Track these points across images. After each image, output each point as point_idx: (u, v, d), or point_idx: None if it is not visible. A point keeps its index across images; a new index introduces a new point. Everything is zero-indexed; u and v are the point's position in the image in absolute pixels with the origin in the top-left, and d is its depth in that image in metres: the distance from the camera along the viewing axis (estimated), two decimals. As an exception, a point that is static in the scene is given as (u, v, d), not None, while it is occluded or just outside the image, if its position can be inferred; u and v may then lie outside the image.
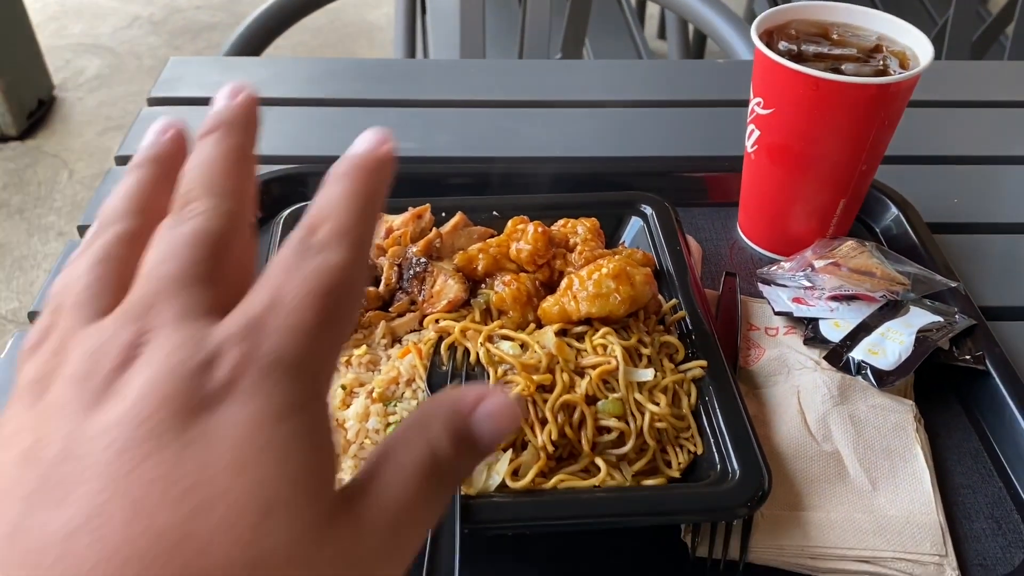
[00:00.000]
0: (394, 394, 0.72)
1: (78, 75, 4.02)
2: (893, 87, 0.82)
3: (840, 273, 0.88)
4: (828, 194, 0.91)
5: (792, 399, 0.80)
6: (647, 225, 0.92)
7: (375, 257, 0.85)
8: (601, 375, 0.72)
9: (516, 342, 0.75)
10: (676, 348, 0.78)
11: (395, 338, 0.79)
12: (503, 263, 0.83)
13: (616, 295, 0.75)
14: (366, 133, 0.35)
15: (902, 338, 0.82)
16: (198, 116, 1.15)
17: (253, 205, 0.37)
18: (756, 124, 0.91)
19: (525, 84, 1.32)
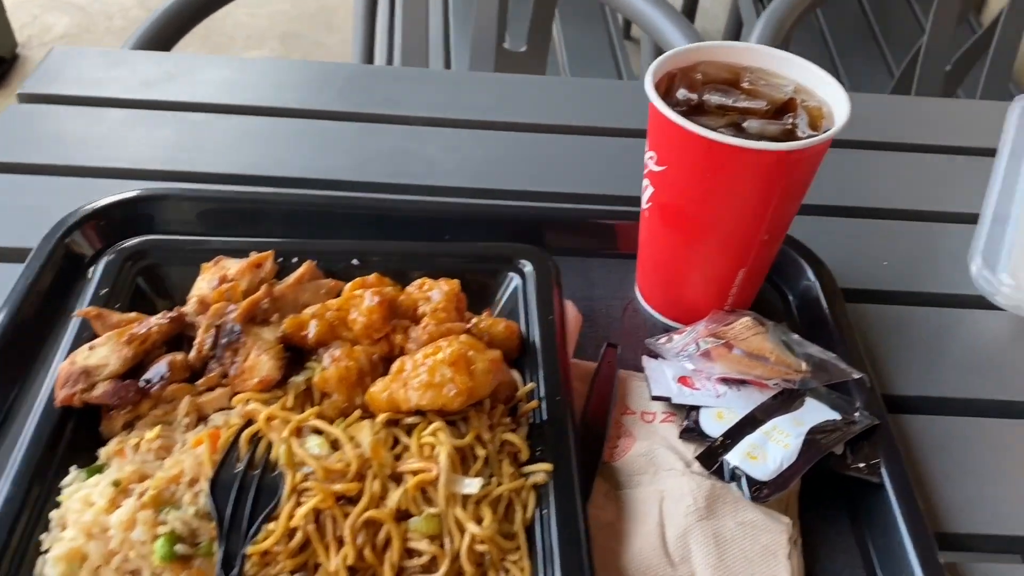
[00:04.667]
0: (172, 497, 0.62)
1: (45, 32, 3.88)
2: (796, 154, 0.72)
3: (730, 356, 0.78)
4: (725, 263, 0.81)
5: (654, 507, 0.70)
6: (523, 286, 0.82)
7: (196, 314, 0.74)
8: (419, 485, 0.62)
9: (328, 437, 0.65)
10: (519, 448, 0.68)
11: (202, 416, 0.69)
12: (341, 331, 0.72)
13: (452, 386, 0.65)
14: None
15: (788, 440, 0.72)
16: (74, 117, 1.01)
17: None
18: (650, 180, 0.80)
19: (441, 99, 1.20)
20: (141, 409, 0.68)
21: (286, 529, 0.59)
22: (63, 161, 1.03)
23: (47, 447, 0.65)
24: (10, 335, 0.78)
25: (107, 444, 0.67)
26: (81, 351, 0.69)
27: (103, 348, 0.69)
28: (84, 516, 0.60)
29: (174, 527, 0.59)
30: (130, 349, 0.69)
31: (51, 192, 0.98)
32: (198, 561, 0.59)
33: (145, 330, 0.70)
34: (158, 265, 0.81)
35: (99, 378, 0.68)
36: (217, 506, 0.61)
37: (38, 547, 0.61)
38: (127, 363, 0.69)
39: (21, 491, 0.62)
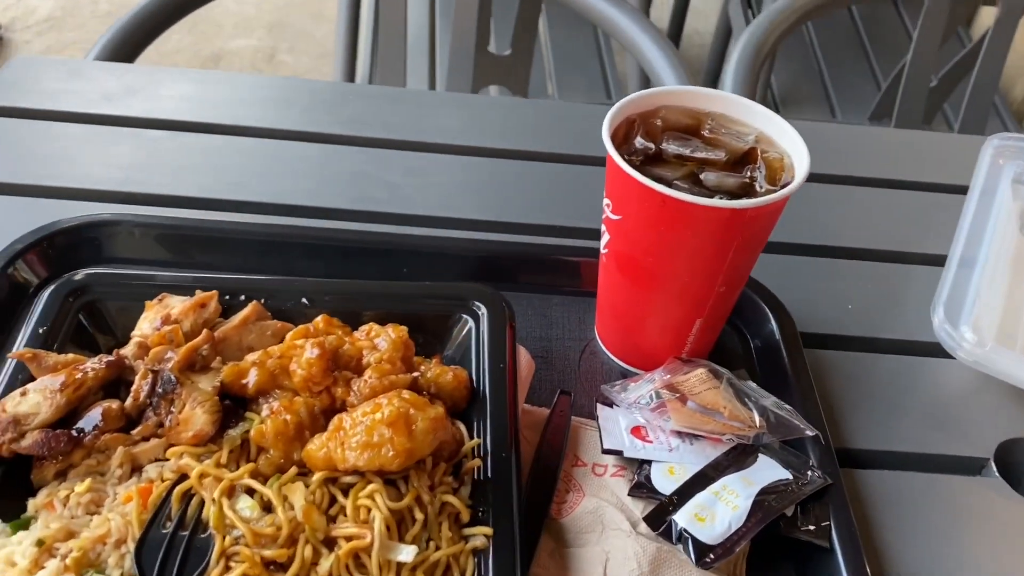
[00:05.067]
0: (98, 558, 0.60)
1: (28, 15, 3.83)
2: (750, 212, 0.70)
3: (683, 411, 0.76)
4: (681, 312, 0.79)
5: (598, 569, 0.68)
6: (476, 330, 0.80)
7: (135, 357, 0.72)
8: (352, 551, 0.60)
9: (261, 498, 0.63)
10: (459, 511, 0.66)
11: (136, 467, 0.67)
12: (282, 380, 0.70)
13: (389, 447, 0.63)
14: None
15: (737, 501, 0.71)
16: (30, 131, 0.98)
17: None
18: (607, 226, 0.78)
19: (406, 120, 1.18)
20: (74, 458, 0.66)
21: (212, 597, 0.58)
22: (13, 179, 1.01)
23: (-28, 499, 0.63)
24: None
25: (37, 495, 0.65)
26: (12, 397, 0.67)
27: (35, 395, 0.67)
28: None
29: (96, 594, 0.58)
30: (63, 396, 0.67)
31: (1, 212, 0.96)
32: (120, 628, 0.58)
33: (80, 376, 0.68)
34: (100, 300, 0.79)
35: (29, 427, 0.66)
36: (142, 570, 0.59)
37: (-44, 608, 0.59)
38: (60, 411, 0.67)
39: (-59, 548, 0.60)
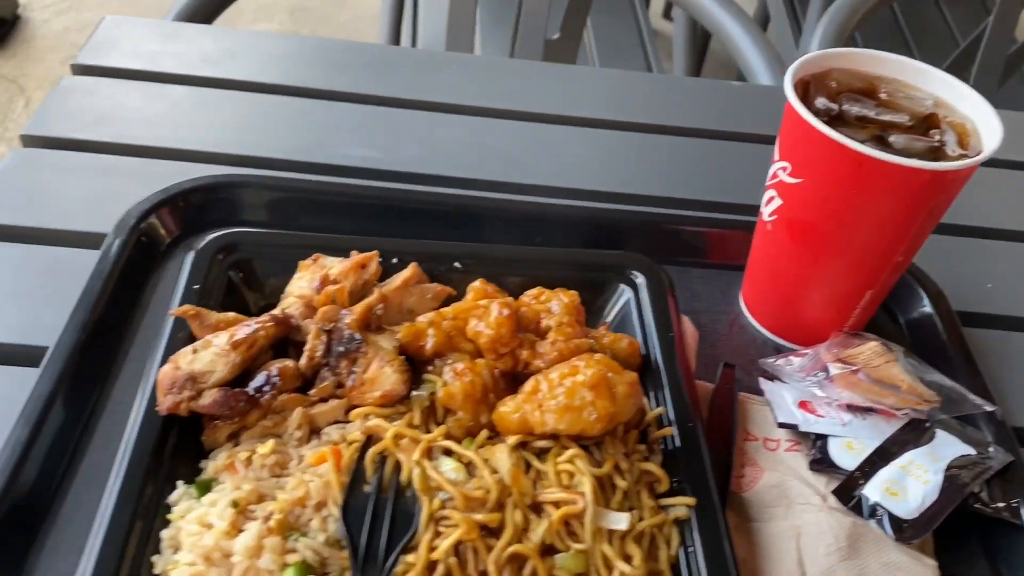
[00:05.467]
0: (298, 521, 0.57)
1: (46, -5, 3.77)
2: (951, 175, 0.68)
3: (860, 385, 0.74)
4: (853, 283, 0.77)
5: (790, 544, 0.66)
6: (636, 299, 0.77)
7: (301, 316, 0.69)
8: (564, 518, 0.58)
9: (462, 460, 0.60)
10: (659, 479, 0.63)
11: (314, 429, 0.64)
12: (458, 342, 0.67)
13: (592, 410, 0.60)
14: None
15: (928, 476, 0.69)
16: (129, 92, 0.95)
17: None
18: (778, 191, 0.75)
19: (513, 89, 1.15)
20: (248, 420, 0.63)
21: (427, 561, 0.55)
22: (125, 139, 0.97)
23: (152, 459, 0.60)
24: (88, 333, 0.72)
25: (212, 456, 0.62)
26: (183, 355, 0.64)
27: (207, 353, 0.64)
28: (204, 540, 0.55)
29: (304, 556, 0.54)
30: (238, 354, 0.64)
31: (116, 173, 0.92)
32: (328, 594, 0.54)
33: (251, 333, 0.65)
34: (249, 259, 0.76)
35: (206, 385, 0.62)
36: (350, 534, 0.56)
37: (150, 568, 0.56)
38: (235, 370, 0.64)
39: (129, 507, 0.57)
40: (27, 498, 0.63)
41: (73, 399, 0.69)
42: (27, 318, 0.77)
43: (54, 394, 0.67)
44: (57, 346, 0.70)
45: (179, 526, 0.57)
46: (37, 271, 0.81)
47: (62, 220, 0.87)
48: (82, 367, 0.70)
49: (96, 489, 0.64)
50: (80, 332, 0.71)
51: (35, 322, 0.76)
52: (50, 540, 0.61)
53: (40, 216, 0.87)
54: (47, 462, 0.65)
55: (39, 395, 0.67)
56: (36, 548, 0.61)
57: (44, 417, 0.66)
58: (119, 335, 0.75)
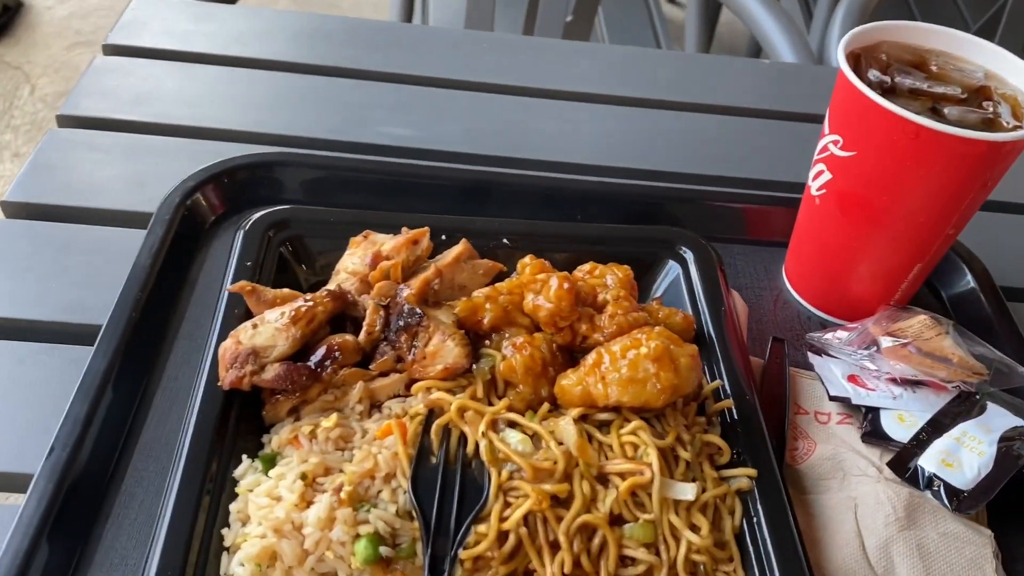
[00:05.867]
0: (368, 493, 0.57)
1: (50, -20, 3.74)
2: (1008, 146, 0.67)
3: (912, 358, 0.74)
4: (903, 257, 0.77)
5: (848, 515, 0.66)
6: (686, 274, 0.77)
7: (356, 292, 0.69)
8: (631, 488, 0.58)
9: (527, 432, 0.60)
10: (720, 450, 0.63)
11: (374, 403, 0.64)
12: (514, 316, 0.67)
13: (655, 382, 0.60)
14: None
15: (982, 448, 0.69)
16: (164, 72, 0.94)
17: None
18: (828, 165, 0.75)
19: (541, 66, 1.15)
20: (309, 394, 0.63)
21: (498, 532, 0.55)
22: (164, 119, 0.97)
23: (216, 433, 0.60)
24: (140, 309, 0.72)
25: (274, 431, 0.62)
26: (243, 329, 0.64)
27: (267, 327, 0.64)
28: (274, 512, 0.55)
29: (376, 527, 0.55)
30: (298, 329, 0.64)
31: (156, 152, 0.92)
32: (400, 564, 0.55)
33: (310, 308, 0.65)
34: (300, 236, 0.76)
35: (268, 360, 0.62)
36: (421, 506, 0.56)
37: (221, 542, 0.56)
38: (296, 344, 0.64)
39: (196, 481, 0.57)
40: (88, 472, 0.63)
41: (128, 375, 0.69)
42: (74, 298, 0.76)
43: (109, 370, 0.67)
44: (110, 322, 0.70)
45: (247, 499, 0.57)
46: (82, 251, 0.81)
47: (104, 200, 0.86)
48: (135, 343, 0.70)
49: (155, 463, 0.65)
50: (132, 309, 0.71)
51: (82, 301, 0.76)
52: (112, 513, 0.62)
53: (81, 196, 0.86)
54: (106, 437, 0.65)
55: (95, 370, 0.67)
56: (99, 521, 0.61)
57: (101, 393, 0.66)
58: (169, 312, 0.75)
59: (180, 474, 0.57)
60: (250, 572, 0.54)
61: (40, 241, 0.82)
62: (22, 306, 0.75)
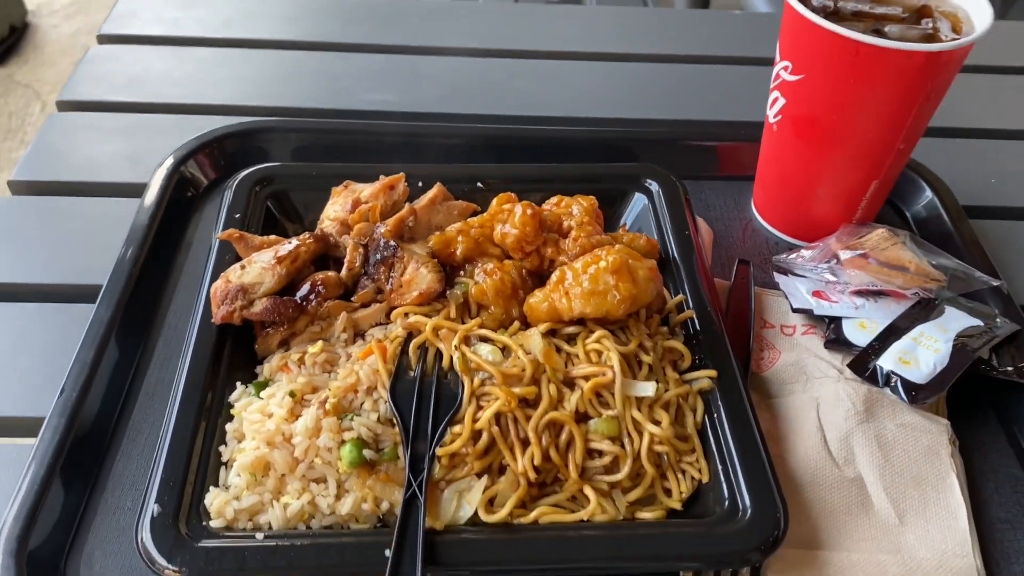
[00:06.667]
0: (351, 404, 0.62)
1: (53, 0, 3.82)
2: (944, 56, 0.71)
3: (869, 267, 0.78)
4: (859, 174, 0.80)
5: (811, 413, 0.70)
6: (652, 204, 0.81)
7: (338, 235, 0.74)
8: (595, 388, 0.62)
9: (496, 345, 0.64)
10: (682, 354, 0.67)
11: (358, 332, 0.69)
12: (486, 247, 0.72)
13: (615, 293, 0.65)
14: None
15: (938, 345, 0.72)
16: (155, 56, 1.00)
17: None
18: (782, 91, 0.79)
19: (520, 30, 1.19)
20: (297, 326, 0.68)
21: (472, 431, 0.59)
22: (156, 99, 1.02)
23: (211, 363, 0.65)
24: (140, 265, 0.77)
25: (266, 361, 0.67)
26: (233, 270, 0.69)
27: (254, 267, 0.68)
28: (266, 426, 0.60)
29: (360, 432, 0.59)
30: (282, 267, 0.68)
31: (150, 129, 0.97)
32: (384, 466, 0.59)
33: (294, 249, 0.69)
34: (285, 190, 0.81)
35: (256, 295, 0.67)
36: (400, 412, 0.60)
37: (219, 458, 0.61)
38: (281, 281, 0.68)
39: (194, 405, 0.62)
40: (97, 411, 0.68)
41: (130, 324, 0.74)
42: (79, 262, 0.82)
43: (112, 320, 0.72)
44: (112, 276, 0.75)
45: (242, 418, 0.62)
46: (86, 220, 0.86)
47: (102, 175, 0.92)
48: (136, 295, 0.75)
49: (159, 402, 0.70)
50: (132, 264, 0.76)
51: (88, 265, 0.81)
52: (121, 448, 0.67)
53: (82, 171, 0.92)
54: (112, 380, 0.70)
55: (99, 320, 0.72)
56: (110, 453, 0.66)
57: (106, 341, 0.71)
58: (167, 267, 0.80)
59: (178, 400, 0.62)
60: (245, 481, 0.58)
61: (45, 214, 0.87)
62: (31, 272, 0.81)
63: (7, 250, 0.82)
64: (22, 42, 3.52)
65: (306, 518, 0.58)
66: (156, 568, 0.54)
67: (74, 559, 0.60)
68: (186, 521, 0.56)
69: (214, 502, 0.58)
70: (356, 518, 0.58)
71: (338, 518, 0.58)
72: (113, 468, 0.66)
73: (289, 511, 0.57)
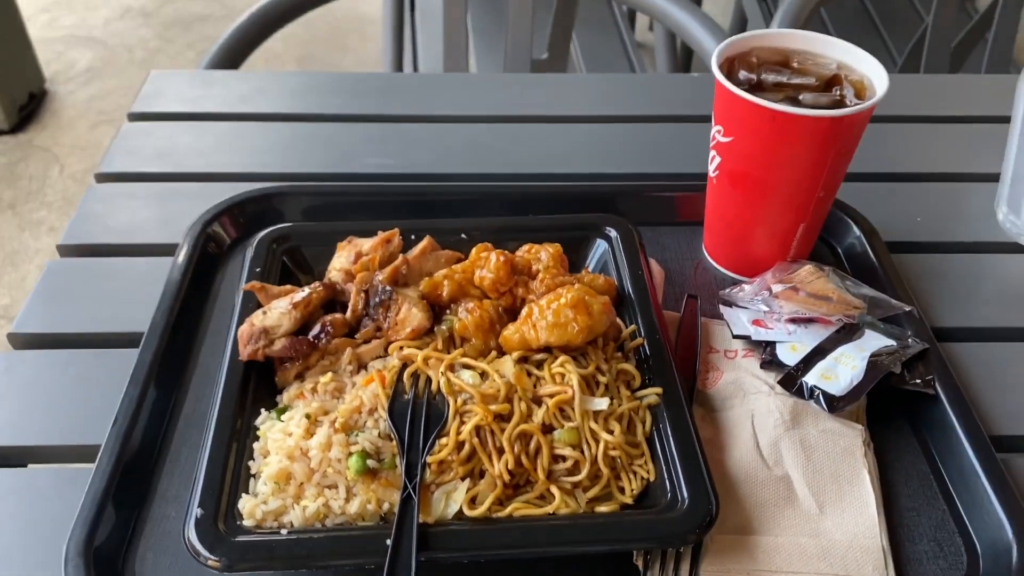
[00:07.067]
0: (356, 423, 0.75)
1: (69, 68, 4.01)
2: (847, 119, 0.85)
3: (798, 298, 0.91)
4: (788, 218, 0.94)
5: (746, 423, 0.82)
6: (611, 248, 0.95)
7: (343, 283, 0.87)
8: (558, 404, 0.75)
9: (477, 371, 0.77)
10: (633, 376, 0.80)
11: (361, 364, 0.82)
12: (468, 289, 0.85)
13: (574, 324, 0.78)
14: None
15: (855, 363, 0.85)
16: (180, 131, 1.18)
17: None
18: (717, 151, 0.93)
19: (504, 98, 1.34)
20: (310, 361, 0.81)
21: (456, 442, 0.72)
22: (182, 169, 1.16)
23: (239, 394, 0.78)
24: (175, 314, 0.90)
25: (285, 391, 0.80)
26: (256, 315, 0.82)
27: (273, 312, 0.82)
28: (287, 442, 0.73)
29: (364, 446, 0.72)
30: (298, 311, 0.82)
31: (177, 196, 1.11)
32: (384, 473, 0.72)
33: (307, 296, 0.83)
34: (298, 247, 0.94)
35: (276, 336, 0.80)
36: (396, 428, 0.73)
37: (248, 471, 0.74)
38: (296, 323, 0.82)
39: (227, 429, 0.75)
40: (143, 439, 0.81)
41: (169, 364, 0.87)
42: (123, 313, 0.95)
43: (153, 362, 0.85)
44: (152, 324, 0.88)
45: (266, 437, 0.75)
46: (126, 277, 1.00)
47: (138, 237, 1.06)
48: (172, 340, 0.89)
49: (195, 430, 0.82)
50: (168, 313, 0.90)
51: (130, 316, 0.94)
52: (165, 468, 0.80)
53: (121, 235, 1.06)
54: (154, 412, 0.83)
55: (142, 362, 0.85)
56: (155, 475, 0.79)
57: (149, 378, 0.84)
58: (198, 315, 0.94)
59: (213, 424, 0.75)
60: (271, 489, 0.71)
61: (91, 273, 1.01)
62: (83, 323, 0.94)
63: (61, 305, 0.96)
64: (41, 108, 3.69)
65: (321, 517, 0.71)
66: (201, 559, 0.67)
67: (130, 558, 0.73)
68: (223, 521, 0.69)
69: (246, 506, 0.70)
70: (363, 517, 0.71)
71: (348, 517, 0.71)
72: (159, 484, 0.78)
73: (307, 512, 0.70)
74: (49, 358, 0.91)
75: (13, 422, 0.84)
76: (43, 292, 0.98)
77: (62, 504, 0.77)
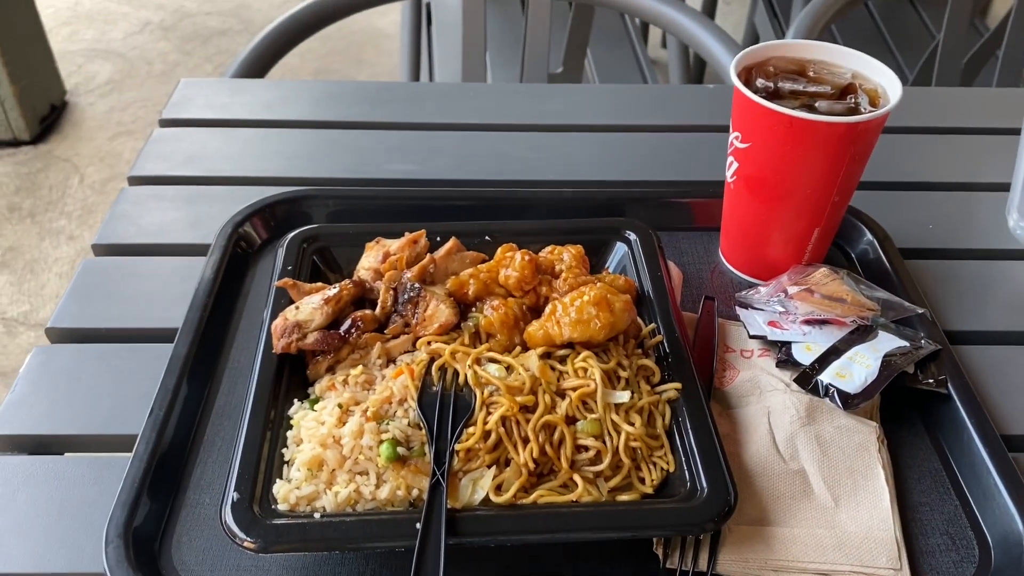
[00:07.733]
0: (387, 413, 0.77)
1: (90, 80, 4.07)
2: (862, 125, 0.87)
3: (813, 299, 0.93)
4: (803, 223, 0.96)
5: (762, 419, 0.85)
6: (631, 251, 0.97)
7: (372, 281, 0.90)
8: (581, 397, 0.77)
9: (502, 364, 0.80)
10: (652, 371, 0.83)
11: (390, 359, 0.84)
12: (493, 288, 0.88)
13: (596, 321, 0.80)
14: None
15: (869, 362, 0.87)
16: (208, 137, 1.22)
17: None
18: (735, 156, 0.96)
19: (523, 108, 1.37)
20: (341, 355, 0.84)
21: (483, 431, 0.75)
22: (212, 173, 1.20)
23: (273, 385, 0.81)
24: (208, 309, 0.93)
25: (317, 383, 0.83)
26: (289, 310, 0.85)
27: (306, 307, 0.85)
28: (320, 431, 0.75)
29: (394, 434, 0.75)
30: (329, 307, 0.85)
31: (208, 199, 1.15)
32: (414, 460, 0.74)
33: (338, 292, 0.86)
34: (327, 247, 0.97)
35: (308, 330, 0.83)
36: (426, 417, 0.76)
37: (282, 458, 0.76)
38: (328, 318, 0.84)
39: (261, 418, 0.77)
40: (177, 429, 0.83)
41: (202, 358, 0.90)
42: (158, 309, 0.98)
43: (188, 355, 0.88)
44: (186, 320, 0.91)
45: (300, 426, 0.77)
46: (159, 275, 1.03)
47: (169, 237, 1.09)
48: (205, 335, 0.91)
49: (228, 420, 0.85)
50: (201, 309, 0.93)
51: (165, 312, 0.97)
52: (199, 457, 0.82)
53: (153, 235, 1.09)
54: (188, 403, 0.86)
55: (177, 356, 0.88)
56: (190, 463, 0.82)
57: (184, 371, 0.87)
58: (229, 312, 0.97)
59: (248, 414, 0.78)
60: (304, 475, 0.74)
61: (126, 271, 1.04)
62: (120, 318, 0.97)
63: (95, 301, 0.99)
64: (61, 120, 3.75)
65: (352, 503, 0.73)
66: (237, 540, 0.69)
67: (166, 542, 0.75)
68: (259, 505, 0.71)
69: (280, 491, 0.73)
70: (392, 502, 0.73)
71: (378, 503, 0.73)
72: (193, 473, 0.81)
73: (339, 497, 0.73)
74: (84, 352, 0.94)
75: (51, 412, 0.87)
76: (78, 289, 1.01)
77: (97, 490, 0.80)
